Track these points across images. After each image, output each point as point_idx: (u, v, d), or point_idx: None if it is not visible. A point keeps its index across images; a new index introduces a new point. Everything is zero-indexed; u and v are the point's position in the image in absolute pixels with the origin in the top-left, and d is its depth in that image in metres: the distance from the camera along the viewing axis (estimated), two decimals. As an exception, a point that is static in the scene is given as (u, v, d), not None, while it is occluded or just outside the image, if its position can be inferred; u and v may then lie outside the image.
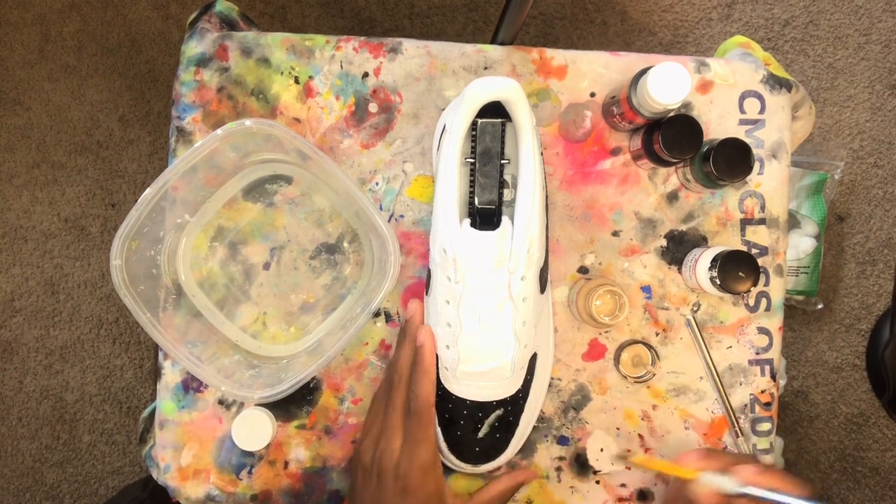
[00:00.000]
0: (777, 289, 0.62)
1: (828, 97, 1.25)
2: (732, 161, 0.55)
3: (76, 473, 1.25)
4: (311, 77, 0.62)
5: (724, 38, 1.26)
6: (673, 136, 0.55)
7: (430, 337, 0.56)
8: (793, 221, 1.15)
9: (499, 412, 0.56)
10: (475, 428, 0.56)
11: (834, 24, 1.26)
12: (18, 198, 1.26)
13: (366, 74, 0.62)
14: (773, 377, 0.62)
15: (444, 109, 0.61)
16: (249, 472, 0.61)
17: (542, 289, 0.56)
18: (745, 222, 0.62)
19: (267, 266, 0.62)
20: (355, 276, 0.62)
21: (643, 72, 0.54)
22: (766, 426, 0.62)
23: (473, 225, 0.53)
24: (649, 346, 0.61)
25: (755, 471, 0.50)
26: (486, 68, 0.62)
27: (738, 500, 0.49)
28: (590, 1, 1.25)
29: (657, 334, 0.62)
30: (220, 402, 0.61)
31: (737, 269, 0.55)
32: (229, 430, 0.60)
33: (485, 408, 0.56)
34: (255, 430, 0.58)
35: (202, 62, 0.61)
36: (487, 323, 0.52)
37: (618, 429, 0.62)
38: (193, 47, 0.62)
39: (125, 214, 0.53)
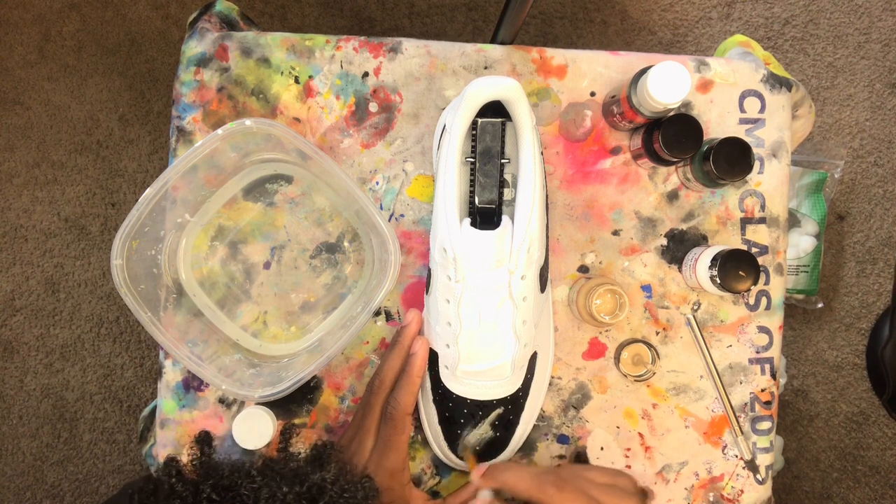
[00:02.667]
0: (777, 288, 0.62)
1: (828, 96, 1.25)
2: (732, 160, 0.55)
3: (77, 472, 1.25)
4: (311, 77, 0.62)
5: (723, 37, 1.26)
6: (673, 136, 0.55)
7: (424, 348, 0.56)
8: (793, 220, 1.15)
9: (499, 411, 0.56)
10: (475, 427, 0.56)
11: (834, 23, 1.26)
12: (19, 197, 1.26)
13: (366, 74, 0.62)
14: (774, 376, 0.62)
15: (444, 109, 0.61)
16: (250, 471, 0.61)
17: (543, 288, 0.56)
18: (746, 221, 0.62)
19: (267, 265, 0.62)
20: (356, 275, 0.62)
21: (643, 71, 0.54)
22: (766, 425, 0.62)
23: (474, 224, 0.53)
24: (649, 345, 0.61)
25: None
26: (486, 68, 0.62)
27: None
28: (589, 0, 1.25)
29: (657, 333, 0.62)
30: (221, 401, 0.61)
31: (737, 267, 0.55)
32: (230, 429, 0.60)
33: (485, 406, 0.56)
34: (255, 428, 0.58)
35: (202, 62, 0.61)
36: (488, 322, 0.52)
37: (618, 427, 0.62)
38: (193, 47, 0.62)
39: (125, 214, 0.53)
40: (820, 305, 1.20)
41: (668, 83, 0.52)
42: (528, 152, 0.53)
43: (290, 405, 0.61)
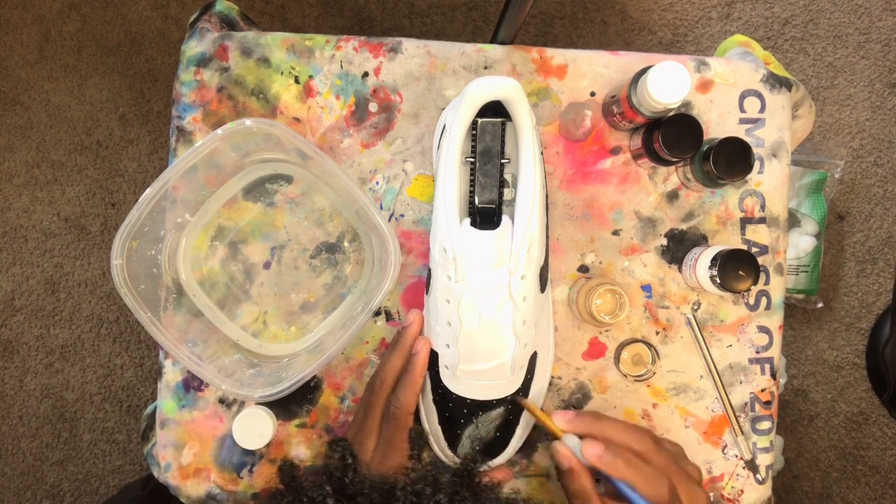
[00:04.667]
0: (777, 287, 0.62)
1: (828, 96, 1.25)
2: (732, 160, 0.55)
3: (77, 472, 1.25)
4: (311, 77, 0.62)
5: (723, 37, 1.26)
6: (673, 136, 0.55)
7: (425, 347, 0.56)
8: (793, 220, 1.15)
9: (499, 410, 0.56)
10: (476, 426, 0.56)
11: (834, 23, 1.26)
12: (19, 197, 1.26)
13: (366, 74, 0.62)
14: (773, 376, 0.62)
15: (444, 109, 0.61)
16: (250, 471, 0.61)
17: (543, 288, 0.56)
18: (746, 221, 0.62)
19: (267, 265, 0.62)
20: (356, 275, 0.62)
21: (643, 71, 0.54)
22: (766, 425, 0.62)
23: (474, 224, 0.53)
24: (649, 345, 0.61)
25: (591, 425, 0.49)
26: (486, 68, 0.62)
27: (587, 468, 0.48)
28: (589, 0, 1.25)
29: (657, 333, 0.62)
30: (221, 401, 0.61)
31: (737, 267, 0.55)
32: (230, 429, 0.60)
33: (485, 406, 0.56)
34: (255, 428, 0.58)
35: (202, 62, 0.61)
36: (487, 322, 0.52)
37: (618, 427, 0.62)
38: (193, 47, 0.62)
39: (125, 214, 0.53)
40: (820, 305, 1.20)
41: (668, 83, 0.52)
42: (528, 152, 0.53)
43: (290, 405, 0.61)
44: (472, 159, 0.57)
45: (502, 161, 0.57)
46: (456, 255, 0.51)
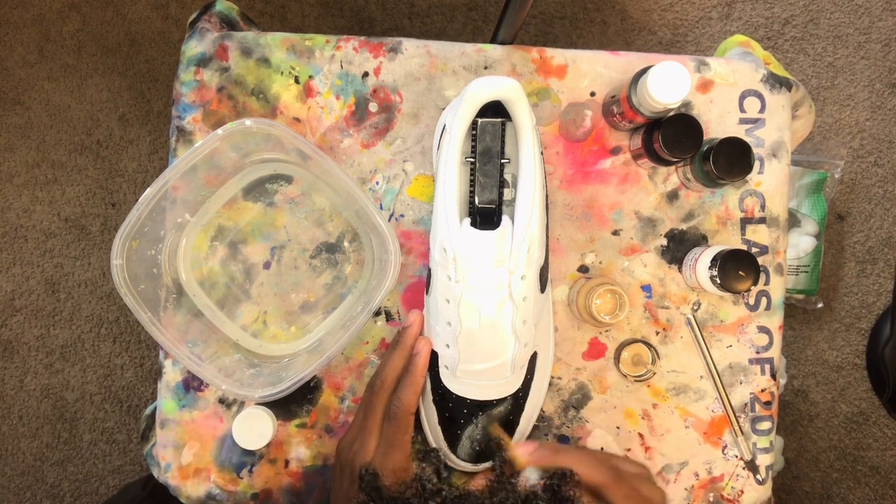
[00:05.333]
0: (777, 288, 0.62)
1: (828, 96, 1.25)
2: (732, 160, 0.55)
3: (77, 472, 1.25)
4: (311, 77, 0.62)
5: (723, 37, 1.26)
6: (673, 136, 0.55)
7: (426, 347, 0.56)
8: (793, 220, 1.15)
9: (499, 410, 0.56)
10: (476, 427, 0.56)
11: (834, 23, 1.26)
12: (19, 197, 1.26)
13: (366, 74, 0.62)
14: (774, 376, 0.62)
15: (444, 109, 0.61)
16: (250, 471, 0.61)
17: (543, 288, 0.56)
18: (746, 221, 0.62)
19: (267, 265, 0.62)
20: (356, 275, 0.62)
21: (643, 71, 0.54)
22: (766, 425, 0.62)
23: (474, 224, 0.53)
24: (649, 345, 0.61)
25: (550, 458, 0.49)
26: (486, 68, 0.62)
27: None
28: (589, 0, 1.25)
29: (657, 333, 0.62)
30: (221, 401, 0.61)
31: (737, 268, 0.55)
32: (230, 429, 0.60)
33: (485, 406, 0.56)
34: (255, 428, 0.58)
35: (202, 62, 0.61)
36: (487, 322, 0.52)
37: (618, 428, 0.62)
38: (193, 47, 0.62)
39: (125, 214, 0.53)
40: (820, 305, 1.20)
41: (668, 83, 0.52)
42: (528, 152, 0.53)
43: (290, 405, 0.61)
44: (472, 159, 0.57)
45: (502, 161, 0.57)
46: (456, 255, 0.51)
